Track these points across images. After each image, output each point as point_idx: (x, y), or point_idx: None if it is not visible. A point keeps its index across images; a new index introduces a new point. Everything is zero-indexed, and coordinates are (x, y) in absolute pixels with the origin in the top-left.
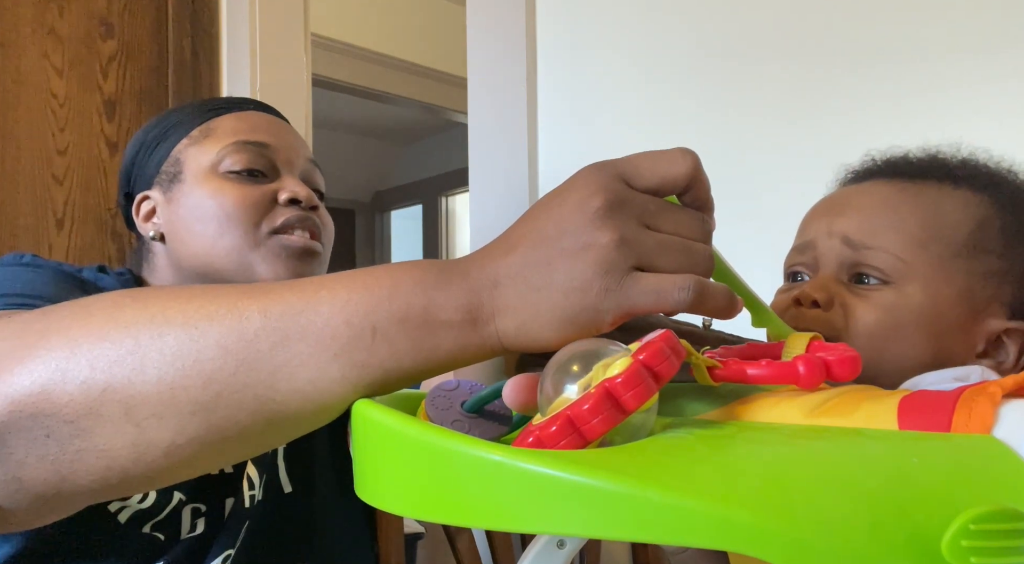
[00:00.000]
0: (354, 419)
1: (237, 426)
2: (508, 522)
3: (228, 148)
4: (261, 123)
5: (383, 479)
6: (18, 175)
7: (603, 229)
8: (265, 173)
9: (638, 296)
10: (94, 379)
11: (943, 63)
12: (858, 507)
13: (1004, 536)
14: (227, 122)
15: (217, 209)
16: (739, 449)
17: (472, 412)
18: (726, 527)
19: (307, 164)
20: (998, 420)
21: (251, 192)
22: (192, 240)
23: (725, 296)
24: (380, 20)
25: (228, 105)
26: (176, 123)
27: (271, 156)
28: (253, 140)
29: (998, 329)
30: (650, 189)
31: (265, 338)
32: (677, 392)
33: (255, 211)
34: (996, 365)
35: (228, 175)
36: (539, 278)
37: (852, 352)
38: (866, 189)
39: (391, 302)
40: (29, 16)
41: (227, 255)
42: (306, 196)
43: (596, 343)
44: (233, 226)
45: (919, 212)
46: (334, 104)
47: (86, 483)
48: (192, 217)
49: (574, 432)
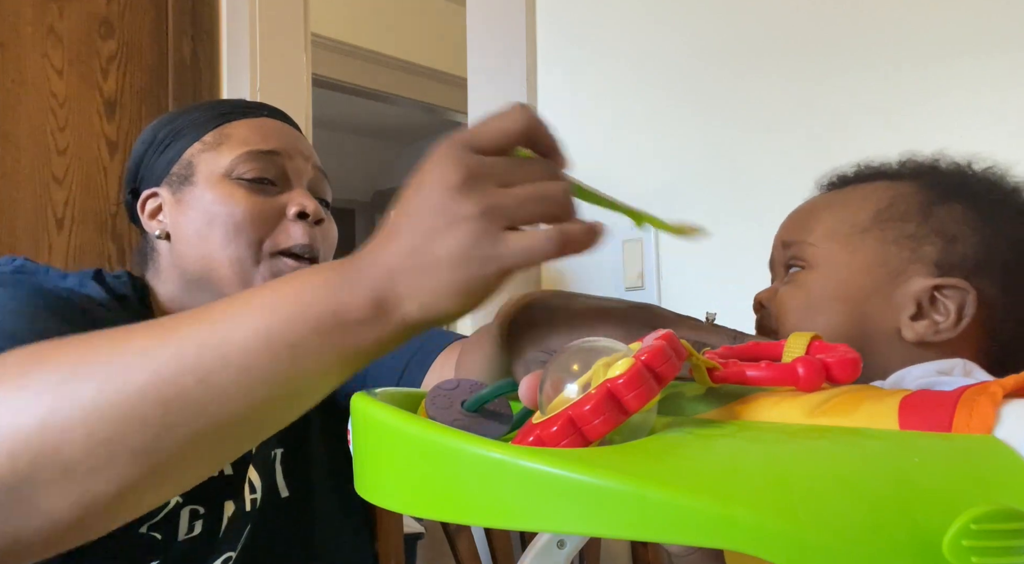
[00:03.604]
0: (354, 416)
1: (179, 461)
2: (508, 520)
3: (242, 156)
4: (273, 130)
5: (383, 476)
6: (18, 175)
7: (465, 201)
8: (275, 182)
9: (512, 256)
10: (22, 446)
11: (940, 65)
12: (859, 506)
13: (1005, 536)
14: (241, 129)
15: (227, 217)
16: (740, 448)
17: (472, 411)
18: (727, 526)
19: (315, 173)
20: (999, 420)
21: (261, 204)
22: (199, 243)
23: (585, 233)
24: (380, 20)
25: (243, 110)
26: (189, 124)
27: (282, 164)
28: (266, 149)
29: (923, 287)
30: (495, 148)
31: (190, 374)
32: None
33: (263, 224)
34: (933, 325)
35: (240, 182)
36: (425, 260)
37: (853, 353)
38: (804, 203)
39: (303, 315)
40: (29, 16)
41: (230, 265)
42: (313, 210)
43: (597, 341)
44: (239, 237)
45: (832, 207)
46: (334, 104)
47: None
48: (201, 221)
49: (575, 432)
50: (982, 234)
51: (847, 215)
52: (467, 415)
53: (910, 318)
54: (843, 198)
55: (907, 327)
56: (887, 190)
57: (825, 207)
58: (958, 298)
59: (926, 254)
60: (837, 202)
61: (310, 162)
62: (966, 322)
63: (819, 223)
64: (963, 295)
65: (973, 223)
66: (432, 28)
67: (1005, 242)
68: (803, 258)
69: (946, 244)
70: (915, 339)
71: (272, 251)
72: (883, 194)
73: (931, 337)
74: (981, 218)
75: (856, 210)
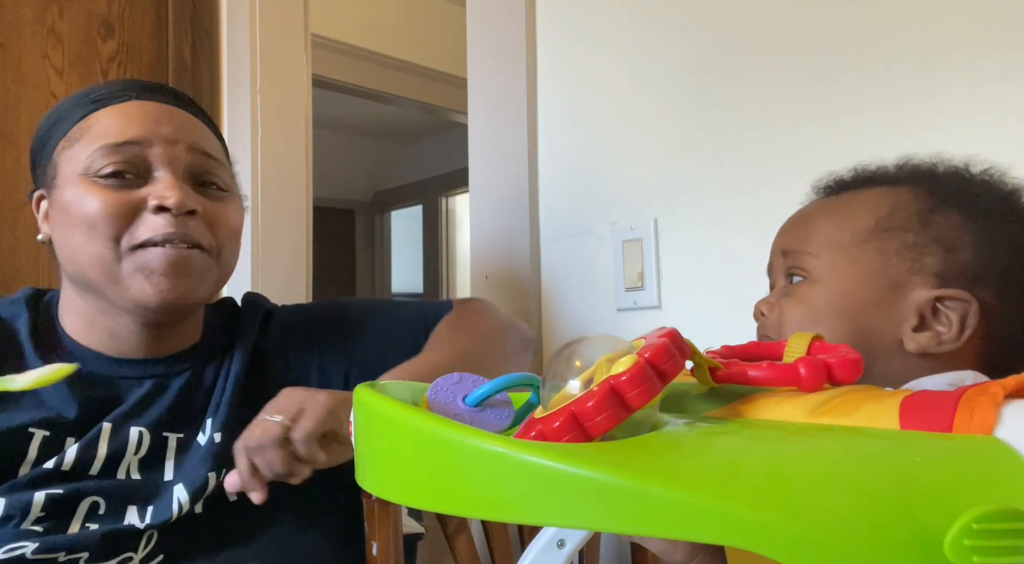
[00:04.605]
0: (356, 409)
1: None
2: (510, 514)
3: (96, 152)
4: (139, 115)
5: (384, 469)
6: (18, 175)
7: None
8: (137, 174)
9: None
10: None
11: (942, 63)
12: (861, 505)
13: (1006, 536)
14: (102, 120)
15: (82, 218)
16: (741, 446)
17: (474, 406)
18: (728, 522)
19: (193, 155)
20: (1000, 420)
21: (114, 199)
22: (67, 247)
23: None
24: (380, 20)
25: (108, 97)
26: (57, 120)
27: (143, 154)
28: (121, 140)
29: (925, 299)
30: None
31: None
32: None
33: (116, 221)
34: (936, 336)
35: (96, 179)
36: None
37: (854, 354)
38: (802, 209)
39: None
40: (29, 16)
41: (93, 266)
42: (176, 203)
43: (600, 337)
44: (96, 236)
45: (831, 214)
46: (334, 104)
47: None
48: (64, 223)
49: (578, 428)
50: (981, 242)
51: (847, 223)
52: (468, 409)
53: (912, 329)
54: (842, 205)
55: (909, 338)
56: (886, 197)
57: (824, 214)
58: (960, 309)
59: (927, 265)
60: (836, 209)
61: (181, 144)
62: (968, 333)
63: (818, 231)
64: (965, 306)
65: (972, 231)
66: (432, 28)
67: (1003, 249)
68: (804, 268)
69: (946, 254)
70: (918, 350)
71: (131, 246)
72: (882, 202)
73: (934, 349)
74: (979, 226)
75: (855, 218)
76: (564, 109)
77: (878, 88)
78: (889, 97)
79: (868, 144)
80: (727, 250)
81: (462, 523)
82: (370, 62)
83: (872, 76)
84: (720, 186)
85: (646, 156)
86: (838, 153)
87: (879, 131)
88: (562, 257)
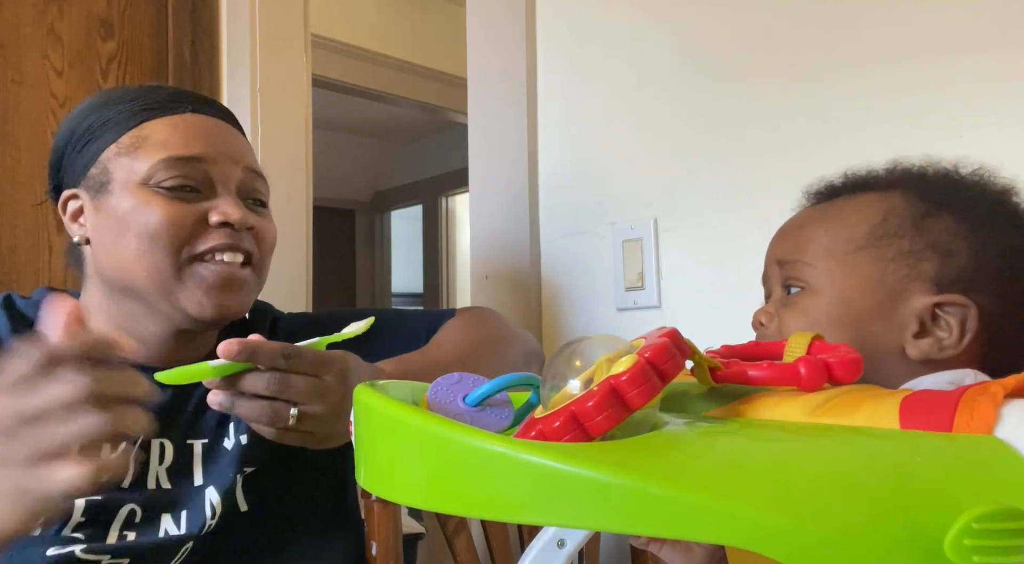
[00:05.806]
0: (356, 408)
1: None
2: (510, 513)
3: (160, 163)
4: (197, 129)
5: (385, 468)
6: (18, 175)
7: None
8: (198, 189)
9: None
10: None
11: (940, 63)
12: (861, 504)
13: (1007, 535)
14: (160, 130)
15: (143, 226)
16: (742, 445)
17: (474, 405)
18: (728, 522)
19: (246, 174)
20: (1000, 420)
21: (179, 211)
22: (116, 253)
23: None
24: (380, 20)
25: (164, 106)
26: (107, 121)
27: (206, 169)
28: (187, 155)
29: (925, 305)
30: None
31: None
32: (679, 389)
33: (181, 232)
34: (937, 342)
35: (158, 190)
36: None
37: (854, 354)
38: (795, 217)
39: None
40: (29, 16)
41: (148, 276)
42: (239, 219)
43: (600, 337)
44: (156, 246)
45: (825, 222)
46: (334, 104)
47: None
48: (118, 230)
49: (578, 428)
50: (975, 246)
51: (841, 231)
52: (469, 409)
53: (913, 336)
54: (835, 212)
55: (911, 345)
56: (879, 203)
57: (817, 222)
58: (959, 314)
59: (924, 271)
60: (829, 217)
61: (240, 165)
62: (969, 337)
63: (813, 240)
64: (964, 311)
65: (965, 235)
66: (432, 28)
67: (997, 251)
68: (801, 278)
69: (942, 259)
70: (920, 357)
71: (190, 256)
72: (876, 208)
73: (936, 354)
74: (972, 229)
75: (849, 226)
76: (564, 109)
77: (878, 88)
78: (889, 97)
79: (868, 144)
80: (727, 250)
81: (462, 523)
82: (370, 62)
83: (872, 76)
84: (720, 186)
85: (646, 156)
86: (838, 153)
87: (879, 131)
88: (562, 257)
